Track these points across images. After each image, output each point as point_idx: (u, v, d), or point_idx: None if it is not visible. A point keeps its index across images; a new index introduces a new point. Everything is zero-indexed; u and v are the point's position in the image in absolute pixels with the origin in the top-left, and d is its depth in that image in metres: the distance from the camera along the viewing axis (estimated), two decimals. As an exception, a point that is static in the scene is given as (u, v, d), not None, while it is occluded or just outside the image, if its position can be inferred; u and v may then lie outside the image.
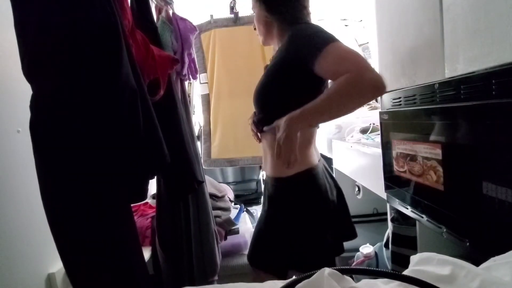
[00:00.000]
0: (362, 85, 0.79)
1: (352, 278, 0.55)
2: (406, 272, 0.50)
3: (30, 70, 0.73)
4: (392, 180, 1.11)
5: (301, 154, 0.96)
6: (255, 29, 1.14)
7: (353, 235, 1.18)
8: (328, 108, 0.85)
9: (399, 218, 1.21)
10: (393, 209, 1.21)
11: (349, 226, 1.18)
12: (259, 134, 1.11)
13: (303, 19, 1.04)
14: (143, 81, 0.92)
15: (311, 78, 0.91)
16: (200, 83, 2.06)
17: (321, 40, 0.84)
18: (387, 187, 1.15)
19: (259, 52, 1.98)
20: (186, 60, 1.43)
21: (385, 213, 1.33)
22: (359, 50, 2.62)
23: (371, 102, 2.08)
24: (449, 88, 0.80)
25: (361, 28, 2.49)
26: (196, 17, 1.84)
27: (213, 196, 1.76)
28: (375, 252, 1.63)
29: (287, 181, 1.02)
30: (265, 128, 1.03)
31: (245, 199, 2.75)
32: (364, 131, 1.72)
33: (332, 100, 0.83)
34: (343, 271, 0.46)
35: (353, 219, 1.18)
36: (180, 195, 1.37)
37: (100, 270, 0.80)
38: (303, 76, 0.92)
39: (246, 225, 2.07)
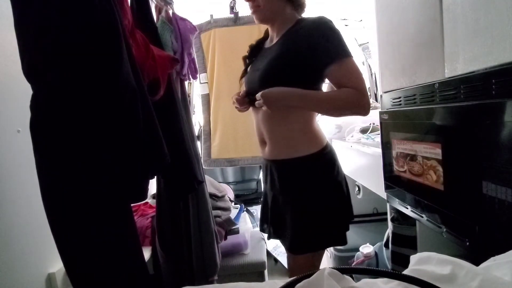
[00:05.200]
0: (359, 103, 0.96)
1: (352, 278, 0.55)
2: (406, 272, 0.50)
3: (30, 70, 0.73)
4: (392, 180, 1.11)
5: (316, 132, 1.05)
6: (258, 6, 1.05)
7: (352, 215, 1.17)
8: (317, 106, 1.00)
9: (399, 218, 1.21)
10: (393, 209, 1.21)
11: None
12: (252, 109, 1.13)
13: (304, 11, 1.11)
14: (143, 81, 0.92)
15: (314, 72, 1.00)
16: (200, 83, 2.06)
17: (343, 51, 0.97)
18: (387, 187, 1.15)
19: (259, 52, 1.98)
20: (186, 60, 1.43)
21: (385, 213, 1.33)
22: (359, 50, 2.63)
23: (371, 102, 2.08)
24: (449, 88, 0.80)
25: (361, 28, 2.49)
26: (196, 17, 1.84)
27: (213, 196, 1.76)
28: (375, 252, 1.63)
29: (309, 159, 1.03)
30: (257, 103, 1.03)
31: (245, 199, 2.75)
32: (364, 131, 1.73)
33: (330, 100, 0.98)
34: (343, 271, 0.46)
35: (353, 219, 1.17)
36: (180, 195, 1.37)
37: (100, 270, 0.80)
38: (309, 69, 1.00)
39: (246, 225, 2.07)
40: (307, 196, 1.03)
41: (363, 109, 0.96)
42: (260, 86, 1.01)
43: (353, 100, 0.95)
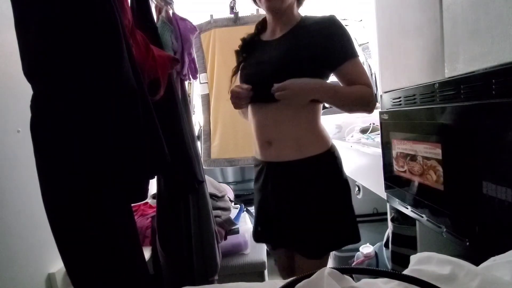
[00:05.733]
0: (370, 100, 1.00)
1: (352, 278, 0.55)
2: (406, 272, 0.50)
3: (30, 70, 0.73)
4: (392, 180, 1.11)
5: (323, 131, 1.07)
6: None
7: None
8: (340, 98, 1.01)
9: (399, 218, 1.21)
10: (393, 209, 1.21)
11: None
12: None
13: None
14: (143, 81, 0.92)
15: (324, 68, 1.03)
16: (200, 83, 2.06)
17: (354, 51, 1.02)
18: (387, 187, 1.15)
19: (259, 52, 1.98)
20: (186, 60, 1.43)
21: (385, 213, 1.33)
22: (359, 50, 2.63)
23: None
24: (449, 88, 0.80)
25: (361, 28, 2.49)
26: (196, 17, 1.84)
27: (213, 196, 1.76)
28: (375, 252, 1.64)
29: (320, 159, 1.03)
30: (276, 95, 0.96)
31: (245, 199, 2.75)
32: (364, 131, 1.73)
33: (352, 94, 1.00)
34: (343, 271, 0.46)
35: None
36: (180, 195, 1.37)
37: (100, 270, 0.80)
38: (321, 64, 1.02)
39: (246, 225, 2.07)
40: (321, 198, 1.01)
41: (372, 105, 1.01)
42: (272, 79, 0.96)
43: (367, 96, 0.99)
